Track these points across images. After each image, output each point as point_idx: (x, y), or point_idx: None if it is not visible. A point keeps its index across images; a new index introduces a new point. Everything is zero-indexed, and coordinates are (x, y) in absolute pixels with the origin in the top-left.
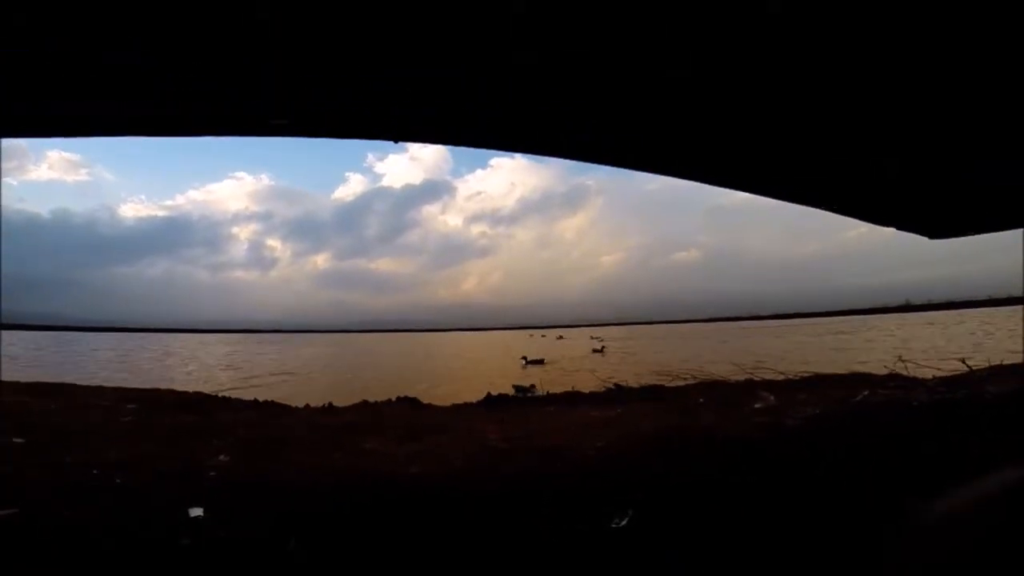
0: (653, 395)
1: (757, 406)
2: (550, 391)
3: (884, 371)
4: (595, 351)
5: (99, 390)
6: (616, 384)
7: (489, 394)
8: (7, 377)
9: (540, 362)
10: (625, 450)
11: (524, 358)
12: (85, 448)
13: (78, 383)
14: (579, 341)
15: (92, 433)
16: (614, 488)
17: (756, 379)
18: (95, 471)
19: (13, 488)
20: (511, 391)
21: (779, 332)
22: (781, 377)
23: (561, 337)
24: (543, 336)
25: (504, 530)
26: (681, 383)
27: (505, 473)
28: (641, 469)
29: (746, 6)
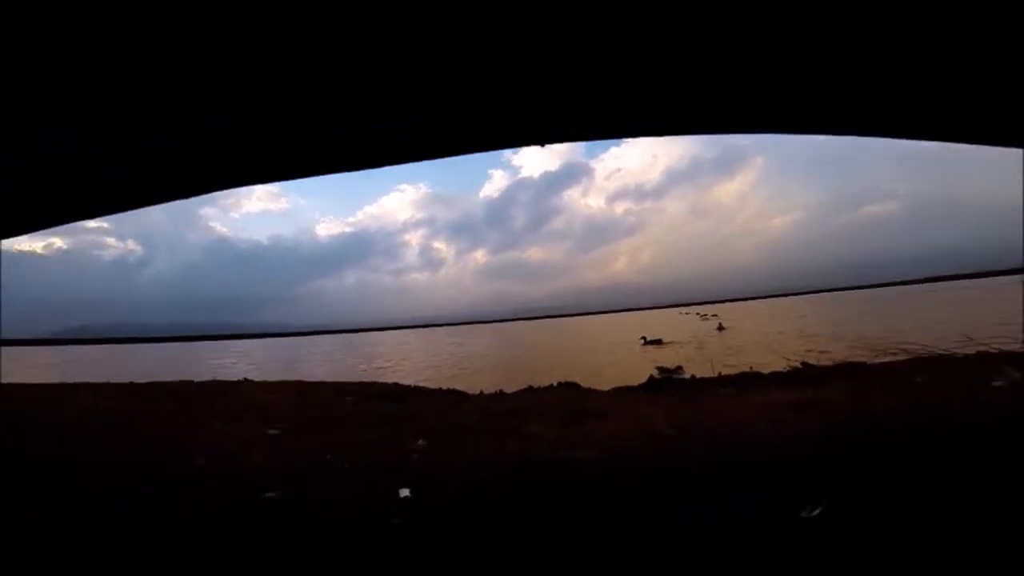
0: (851, 374)
1: (997, 383)
2: (694, 375)
3: None
4: (719, 328)
5: (321, 384)
6: (804, 362)
7: (652, 377)
8: (261, 377)
9: (659, 342)
10: (817, 437)
11: (643, 338)
12: (319, 436)
13: (304, 380)
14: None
15: (323, 422)
16: (804, 477)
17: (992, 351)
18: (328, 456)
19: (274, 474)
20: (655, 373)
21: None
22: None
23: (705, 316)
24: (700, 316)
25: (675, 519)
26: (890, 359)
27: (670, 459)
28: (838, 457)
29: None
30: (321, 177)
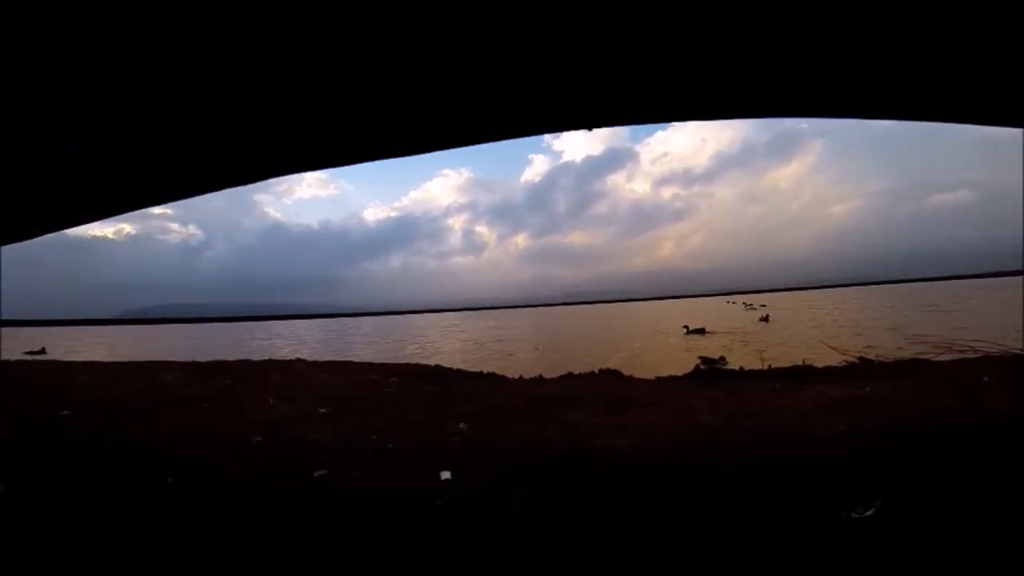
0: (912, 371)
1: None
2: (742, 366)
3: None
4: (762, 320)
5: (368, 366)
6: (861, 357)
7: (698, 367)
8: (312, 356)
9: (702, 331)
10: (874, 436)
11: (686, 327)
12: (365, 416)
13: (354, 360)
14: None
15: (368, 403)
16: (857, 476)
17: None
18: (374, 437)
19: (324, 453)
20: (699, 363)
21: None
22: None
23: (750, 305)
24: (745, 305)
25: (718, 513)
26: (956, 357)
27: (716, 453)
28: (895, 458)
29: None
30: (369, 164)
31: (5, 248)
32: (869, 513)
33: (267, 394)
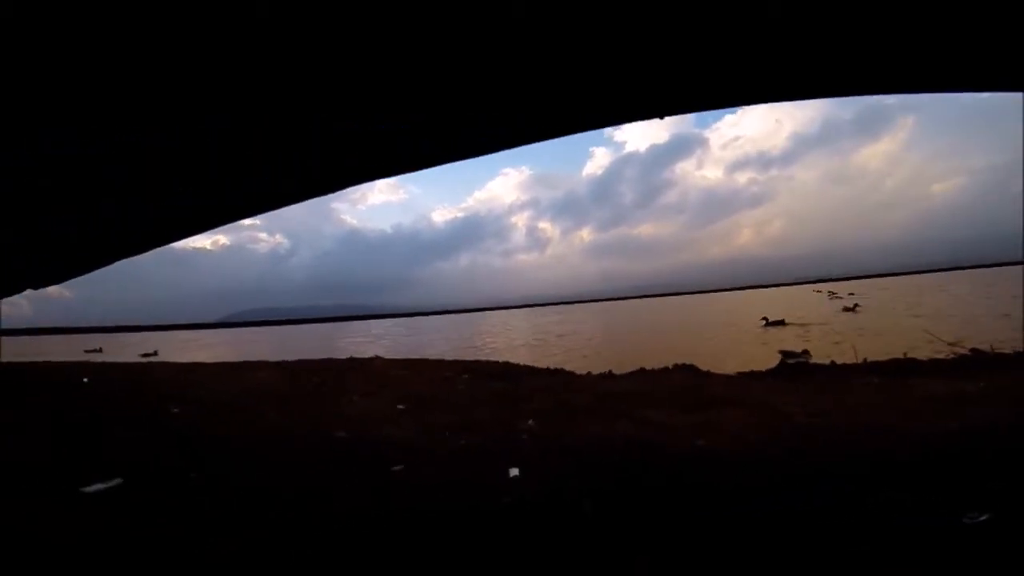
0: None
1: None
2: (833, 360)
3: None
4: (846, 309)
5: (441, 363)
6: (973, 349)
7: (784, 361)
8: (388, 355)
9: (781, 323)
10: (991, 435)
11: (764, 318)
12: (438, 413)
13: (428, 358)
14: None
15: (441, 399)
16: (971, 478)
17: None
18: (447, 433)
19: (400, 449)
20: (777, 356)
21: None
22: None
23: (835, 294)
24: (830, 294)
25: (815, 520)
26: None
27: (813, 453)
28: (1017, 458)
29: None
30: (431, 168)
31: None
32: (984, 518)
33: (350, 392)
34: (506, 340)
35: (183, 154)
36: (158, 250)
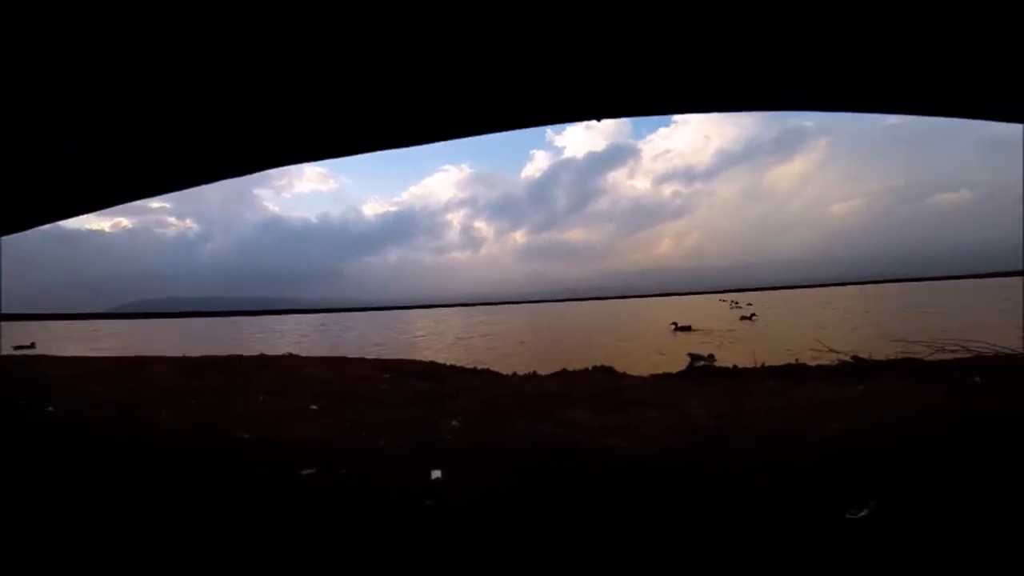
0: (905, 370)
1: None
2: (736, 365)
3: None
4: (743, 318)
5: (363, 361)
6: (855, 356)
7: (692, 364)
8: (305, 352)
9: (688, 328)
10: (868, 436)
11: (674, 323)
12: (356, 413)
13: (348, 356)
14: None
15: (360, 399)
16: (852, 477)
17: None
18: (364, 433)
19: (312, 450)
20: (686, 359)
21: None
22: None
23: (736, 304)
24: (732, 304)
25: (716, 518)
26: (948, 356)
27: (716, 453)
28: (888, 459)
29: None
30: (367, 159)
31: None
32: (863, 514)
33: (258, 390)
34: (433, 339)
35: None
36: (43, 229)
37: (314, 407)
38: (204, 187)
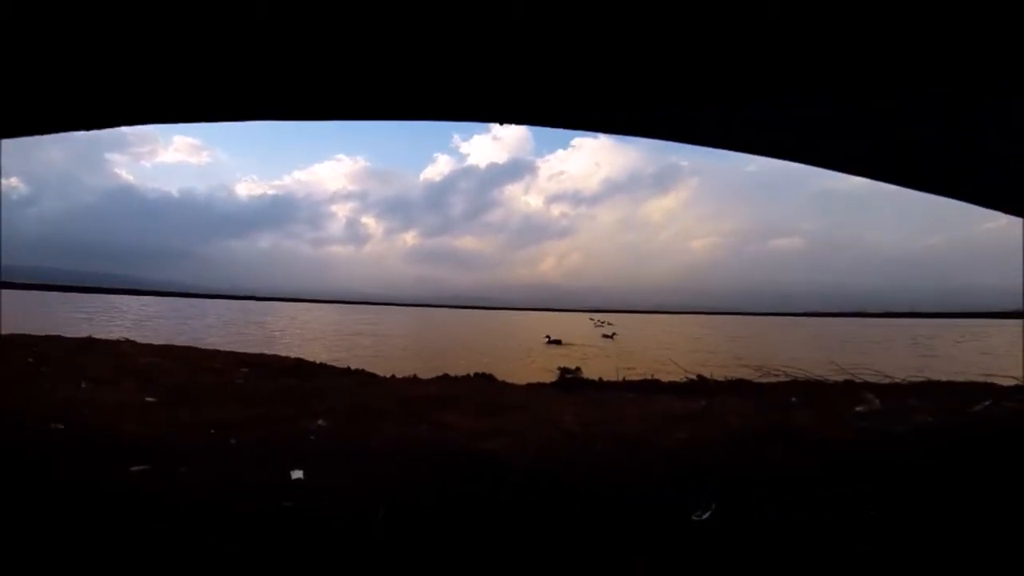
0: (737, 389)
1: (859, 409)
2: (602, 377)
3: (1011, 381)
4: (605, 336)
5: (217, 353)
6: (699, 376)
7: (563, 375)
8: (143, 338)
9: (559, 342)
10: (710, 444)
11: (548, 337)
12: (205, 408)
13: (197, 346)
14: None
15: (210, 393)
16: (696, 482)
17: (857, 380)
18: (213, 430)
19: (146, 446)
20: (556, 370)
21: (889, 332)
22: (888, 381)
23: (600, 323)
24: (596, 323)
25: (580, 516)
26: (772, 380)
27: (581, 458)
28: (727, 465)
29: None
30: (251, 136)
31: None
32: (706, 516)
33: (81, 377)
34: (305, 334)
35: None
36: None
37: (151, 399)
38: (41, 145)
